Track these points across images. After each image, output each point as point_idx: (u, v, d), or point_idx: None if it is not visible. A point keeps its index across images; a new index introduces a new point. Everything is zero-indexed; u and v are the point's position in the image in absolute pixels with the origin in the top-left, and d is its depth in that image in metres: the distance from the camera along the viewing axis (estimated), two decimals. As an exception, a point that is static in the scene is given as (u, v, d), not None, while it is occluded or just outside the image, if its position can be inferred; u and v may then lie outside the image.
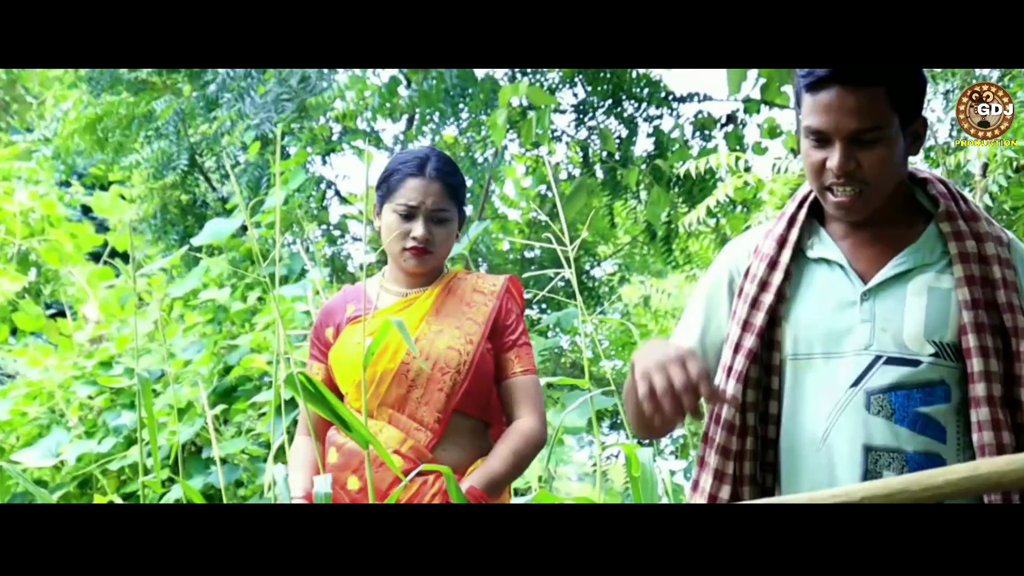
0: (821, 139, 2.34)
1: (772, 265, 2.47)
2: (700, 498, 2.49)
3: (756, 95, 10.40)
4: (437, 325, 3.16)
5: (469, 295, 3.22)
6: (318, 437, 3.26)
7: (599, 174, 10.73)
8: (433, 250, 3.16)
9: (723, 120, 10.67)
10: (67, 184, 12.43)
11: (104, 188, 11.76)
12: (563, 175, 12.10)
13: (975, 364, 2.26)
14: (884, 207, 2.40)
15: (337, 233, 11.47)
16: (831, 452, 2.34)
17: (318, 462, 3.18)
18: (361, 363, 3.07)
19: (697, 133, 10.56)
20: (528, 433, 3.13)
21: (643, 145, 10.75)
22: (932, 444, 2.29)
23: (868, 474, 2.28)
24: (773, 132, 10.78)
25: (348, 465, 3.10)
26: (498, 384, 3.21)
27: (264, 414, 6.29)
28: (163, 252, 10.81)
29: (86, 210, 13.02)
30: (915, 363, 2.30)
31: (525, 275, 3.57)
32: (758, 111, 10.60)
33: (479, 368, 3.13)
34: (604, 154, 10.46)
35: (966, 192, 2.47)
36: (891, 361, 2.32)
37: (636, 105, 10.42)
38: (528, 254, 12.58)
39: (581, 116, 10.67)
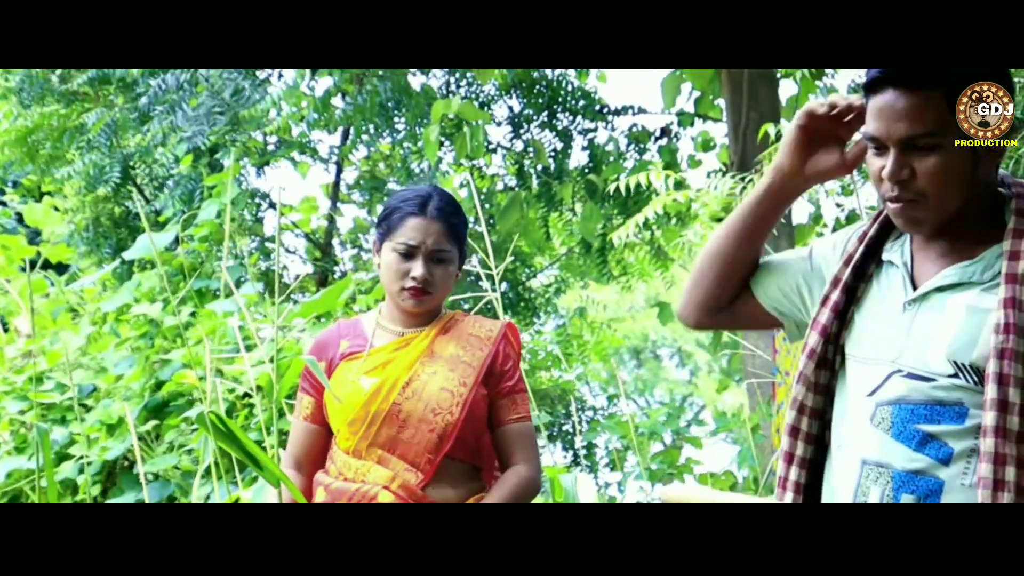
0: (878, 146, 2.25)
1: (847, 261, 2.41)
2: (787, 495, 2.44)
3: (690, 108, 10.49)
4: (432, 366, 3.13)
5: (465, 338, 3.19)
6: (303, 472, 3.24)
7: (535, 186, 10.77)
8: (432, 291, 3.12)
9: (657, 133, 10.74)
10: (1, 193, 12.31)
11: (38, 199, 11.66)
12: (499, 186, 12.15)
13: (990, 391, 2.13)
14: (963, 217, 2.26)
15: (272, 246, 11.42)
16: (842, 463, 2.31)
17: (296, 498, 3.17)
18: (355, 402, 3.09)
19: (632, 146, 10.62)
20: (523, 480, 3.10)
21: (578, 158, 10.81)
22: (930, 464, 2.19)
23: (859, 488, 2.24)
24: (707, 145, 10.87)
25: (336, 503, 3.07)
26: (492, 431, 3.18)
27: (196, 430, 6.25)
28: (96, 264, 10.73)
29: (20, 219, 12.89)
30: (928, 380, 2.21)
31: (453, 298, 3.56)
32: (692, 124, 10.68)
33: (471, 411, 3.09)
34: (539, 167, 10.50)
35: None
36: (909, 375, 2.24)
37: (571, 118, 10.47)
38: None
39: (516, 129, 10.71)
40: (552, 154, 10.52)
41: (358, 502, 3.01)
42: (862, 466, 2.25)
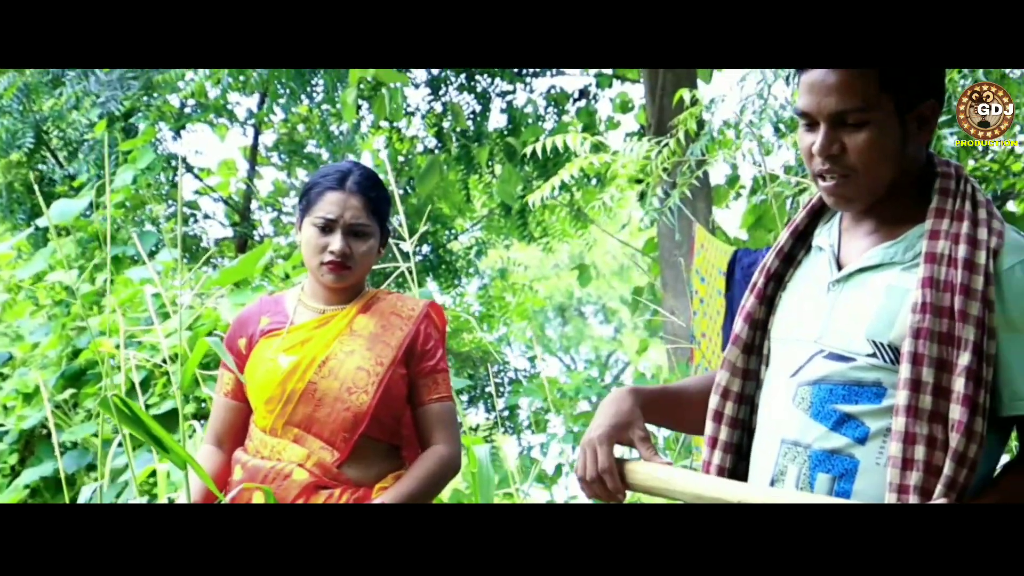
0: (809, 121, 2.22)
1: (778, 252, 2.41)
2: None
3: (608, 70, 10.51)
4: (350, 345, 3.11)
5: (387, 317, 3.16)
6: (224, 448, 3.23)
7: (454, 149, 10.77)
8: (352, 265, 3.09)
9: (576, 95, 10.76)
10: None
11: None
12: (419, 148, 12.13)
13: (904, 370, 2.12)
14: (891, 197, 2.26)
15: (189, 213, 11.34)
16: (763, 442, 2.30)
17: (213, 472, 3.15)
18: (272, 380, 3.07)
19: (550, 108, 10.64)
20: (442, 458, 3.10)
21: (497, 120, 10.81)
22: (846, 444, 2.18)
23: (776, 466, 2.23)
24: (625, 107, 10.91)
25: (252, 481, 3.05)
26: (414, 410, 3.17)
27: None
28: (10, 231, 10.58)
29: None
30: (849, 359, 2.20)
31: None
32: (610, 86, 10.71)
33: (388, 391, 3.08)
34: (458, 130, 10.49)
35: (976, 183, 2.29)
36: (829, 356, 2.23)
37: (489, 80, 10.46)
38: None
39: (435, 91, 10.68)
40: (471, 116, 10.51)
41: (273, 479, 3.01)
42: (780, 445, 2.24)
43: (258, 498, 2.98)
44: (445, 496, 4.84)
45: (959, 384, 2.10)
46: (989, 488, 2.13)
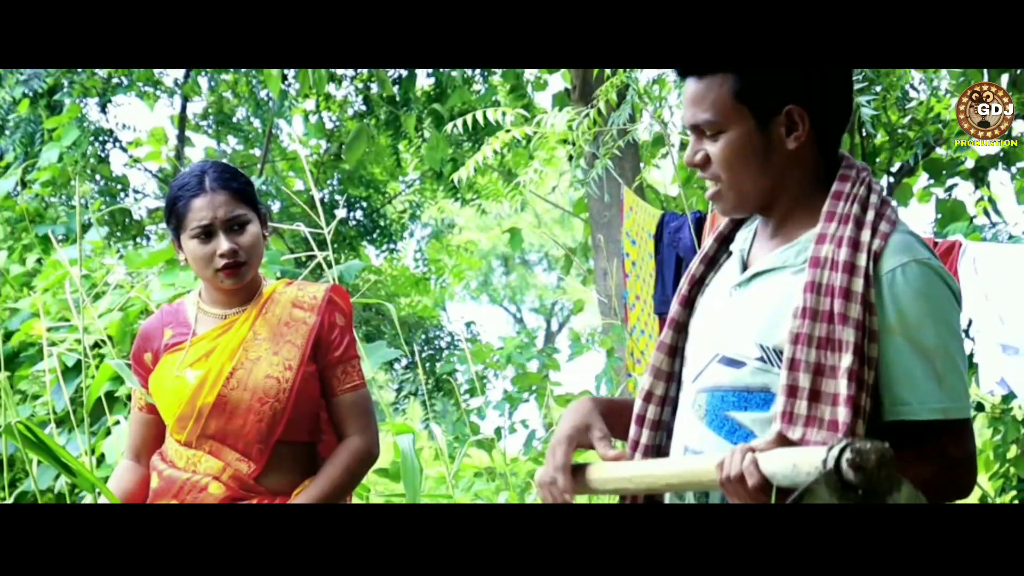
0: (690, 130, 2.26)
1: (703, 258, 2.42)
2: None
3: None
4: (255, 351, 3.06)
5: (288, 312, 3.11)
6: (142, 462, 3.20)
7: (382, 115, 10.75)
8: (246, 259, 3.03)
9: (503, 56, 10.73)
10: None
11: None
12: (350, 112, 12.09)
13: (782, 376, 2.11)
14: (787, 201, 2.25)
15: (118, 188, 11.25)
16: (672, 449, 2.30)
17: (131, 489, 3.15)
18: (180, 397, 3.03)
19: (477, 70, 10.63)
20: (355, 451, 3.08)
21: (424, 82, 10.78)
22: None
23: None
24: (552, 67, 10.91)
25: (168, 491, 3.04)
26: (327, 401, 3.14)
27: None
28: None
29: None
30: (740, 364, 2.19)
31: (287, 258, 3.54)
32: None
33: (300, 395, 3.05)
34: (385, 96, 10.47)
35: (878, 187, 2.25)
36: (724, 360, 2.21)
37: (416, 43, 10.42)
38: (318, 195, 12.51)
39: (361, 56, 10.63)
40: (396, 81, 10.48)
41: (189, 491, 3.00)
42: (684, 452, 2.24)
43: None
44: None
45: (842, 386, 2.08)
46: None
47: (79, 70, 9.16)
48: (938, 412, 2.11)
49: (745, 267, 2.29)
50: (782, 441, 2.00)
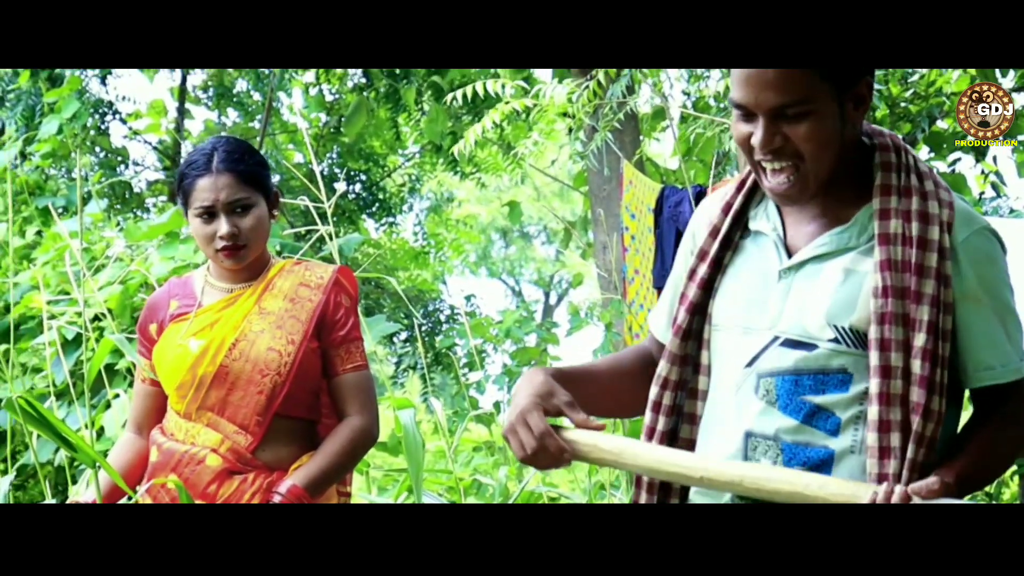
0: (745, 112, 2.14)
1: (714, 234, 2.31)
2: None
3: None
4: (259, 324, 3.07)
5: (295, 290, 3.11)
6: (144, 434, 3.20)
7: (382, 87, 10.73)
8: (246, 243, 3.03)
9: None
10: None
11: None
12: (349, 85, 12.08)
13: (872, 358, 2.09)
14: (833, 178, 2.18)
15: (118, 160, 11.24)
16: (724, 435, 2.22)
17: (132, 461, 3.15)
18: (182, 365, 3.04)
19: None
20: (356, 430, 3.07)
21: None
22: (818, 435, 2.14)
23: (747, 460, 2.16)
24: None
25: (167, 464, 3.06)
26: (328, 381, 3.13)
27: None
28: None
29: None
30: (811, 347, 2.14)
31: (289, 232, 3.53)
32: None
33: (301, 370, 3.05)
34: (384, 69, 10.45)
35: (917, 153, 2.26)
36: (788, 343, 2.16)
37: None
38: (318, 168, 12.52)
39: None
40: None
41: (187, 464, 3.00)
42: (746, 438, 2.18)
43: (172, 481, 2.97)
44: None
45: (916, 365, 2.08)
46: (960, 454, 2.09)
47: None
48: (1019, 372, 2.15)
49: (788, 250, 2.23)
50: (945, 490, 1.96)
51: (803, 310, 2.15)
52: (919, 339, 2.09)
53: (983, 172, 8.81)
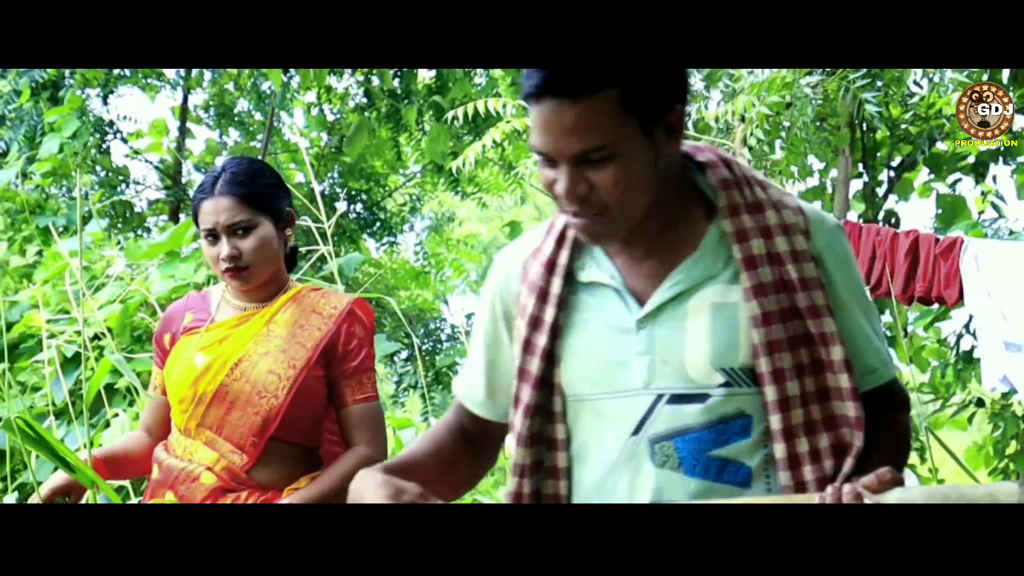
0: (547, 159, 1.94)
1: (542, 296, 2.10)
2: None
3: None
4: (265, 346, 3.07)
5: (306, 316, 3.11)
6: (152, 435, 3.23)
7: (383, 107, 10.75)
8: (249, 264, 3.03)
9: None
10: None
11: None
12: (351, 104, 12.09)
13: (769, 392, 1.93)
14: (657, 209, 1.99)
15: (119, 179, 11.23)
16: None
17: (131, 448, 3.19)
18: (186, 379, 3.05)
19: (480, 63, 10.62)
20: (361, 459, 3.02)
21: (425, 72, 10.78)
22: (732, 490, 1.96)
23: None
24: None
25: (165, 481, 3.06)
26: (337, 411, 3.13)
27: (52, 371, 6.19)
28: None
29: None
30: (703, 397, 1.96)
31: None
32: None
33: (299, 396, 3.04)
34: (386, 89, 10.48)
35: (743, 162, 2.10)
36: (674, 399, 1.97)
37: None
38: (319, 187, 12.53)
39: (363, 48, 10.64)
40: (397, 74, 10.47)
41: (183, 481, 3.01)
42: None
43: (170, 498, 2.98)
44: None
45: (843, 380, 1.97)
46: (876, 448, 1.97)
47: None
48: (894, 367, 2.09)
49: (637, 298, 2.03)
50: (895, 479, 1.82)
51: (681, 359, 1.97)
52: (836, 352, 1.97)
53: (983, 193, 8.81)
